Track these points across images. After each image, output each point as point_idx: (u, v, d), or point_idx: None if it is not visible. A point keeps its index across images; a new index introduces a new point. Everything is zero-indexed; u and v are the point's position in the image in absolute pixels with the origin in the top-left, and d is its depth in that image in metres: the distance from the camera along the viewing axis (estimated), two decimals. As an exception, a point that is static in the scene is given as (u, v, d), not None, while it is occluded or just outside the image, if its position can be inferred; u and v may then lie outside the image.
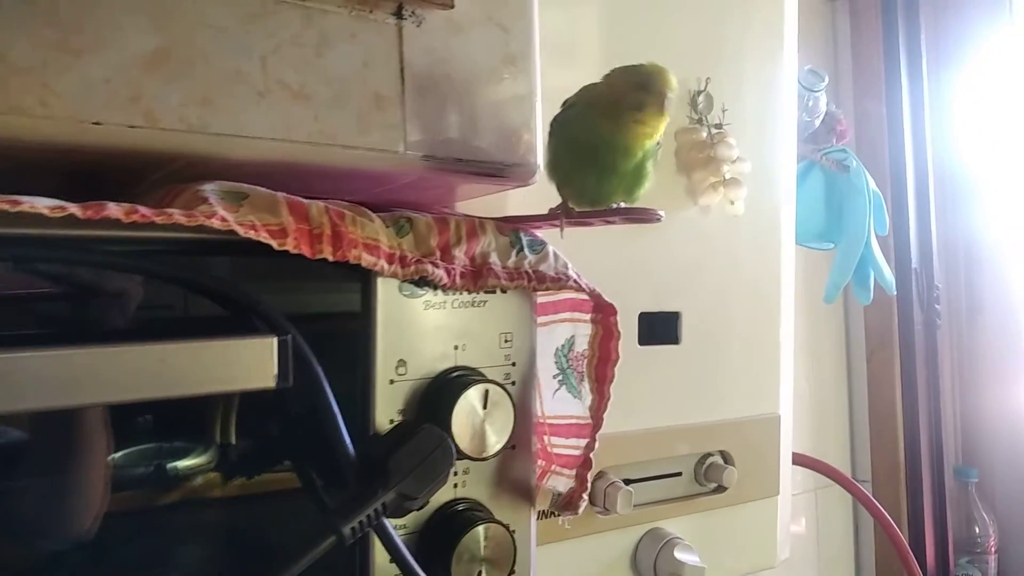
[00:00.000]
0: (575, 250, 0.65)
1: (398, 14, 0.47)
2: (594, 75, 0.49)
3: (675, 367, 0.79)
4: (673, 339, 0.79)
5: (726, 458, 0.81)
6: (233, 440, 0.43)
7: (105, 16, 0.38)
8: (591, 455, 0.49)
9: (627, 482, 0.74)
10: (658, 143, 0.46)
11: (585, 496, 0.49)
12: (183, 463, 0.43)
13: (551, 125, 0.47)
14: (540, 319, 0.51)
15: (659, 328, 0.78)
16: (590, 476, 0.49)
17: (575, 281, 0.47)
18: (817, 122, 1.13)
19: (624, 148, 0.44)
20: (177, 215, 0.36)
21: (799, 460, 1.08)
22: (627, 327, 0.76)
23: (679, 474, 0.79)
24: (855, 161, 1.12)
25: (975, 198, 1.46)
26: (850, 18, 1.48)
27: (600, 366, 0.49)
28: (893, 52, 1.38)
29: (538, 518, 0.58)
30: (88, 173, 0.47)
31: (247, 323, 0.38)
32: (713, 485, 0.80)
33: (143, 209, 0.35)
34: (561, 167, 0.47)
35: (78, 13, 0.38)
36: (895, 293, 1.19)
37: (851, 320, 1.47)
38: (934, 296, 1.35)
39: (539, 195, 0.51)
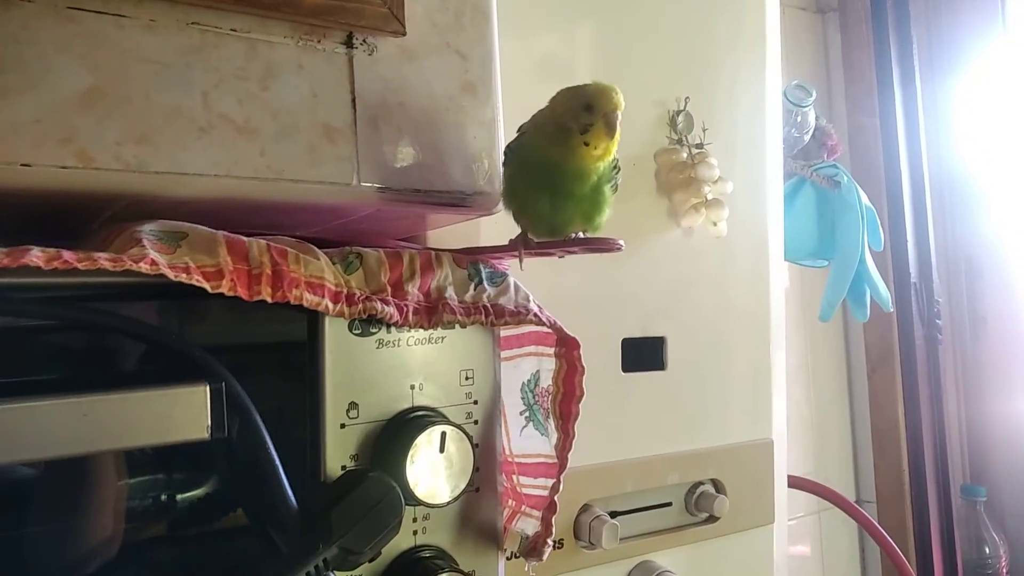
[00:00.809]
0: (554, 276, 0.64)
1: (348, 43, 0.45)
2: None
3: (661, 394, 0.76)
4: (659, 365, 0.77)
5: (718, 486, 0.79)
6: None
7: (33, 55, 0.37)
8: (555, 498, 0.46)
9: (614, 514, 0.71)
10: (616, 167, 0.44)
11: (550, 541, 0.46)
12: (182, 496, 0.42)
13: (504, 153, 0.46)
14: (505, 353, 0.49)
15: (644, 354, 0.76)
16: (555, 520, 0.46)
17: (535, 315, 0.45)
18: (807, 137, 1.11)
19: (575, 172, 0.43)
20: (103, 260, 0.34)
21: (797, 483, 1.05)
22: (611, 354, 0.75)
23: (669, 504, 0.77)
24: (846, 176, 1.10)
25: (975, 209, 1.44)
26: (841, 31, 1.47)
27: (564, 403, 0.47)
28: (885, 63, 1.37)
29: (513, 558, 0.55)
30: (44, 213, 0.46)
31: (200, 368, 0.37)
32: (705, 515, 0.78)
33: (67, 254, 0.34)
34: (516, 195, 0.45)
35: (3, 53, 0.36)
36: (891, 310, 1.17)
37: (851, 337, 1.45)
38: (935, 311, 1.32)
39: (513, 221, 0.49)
